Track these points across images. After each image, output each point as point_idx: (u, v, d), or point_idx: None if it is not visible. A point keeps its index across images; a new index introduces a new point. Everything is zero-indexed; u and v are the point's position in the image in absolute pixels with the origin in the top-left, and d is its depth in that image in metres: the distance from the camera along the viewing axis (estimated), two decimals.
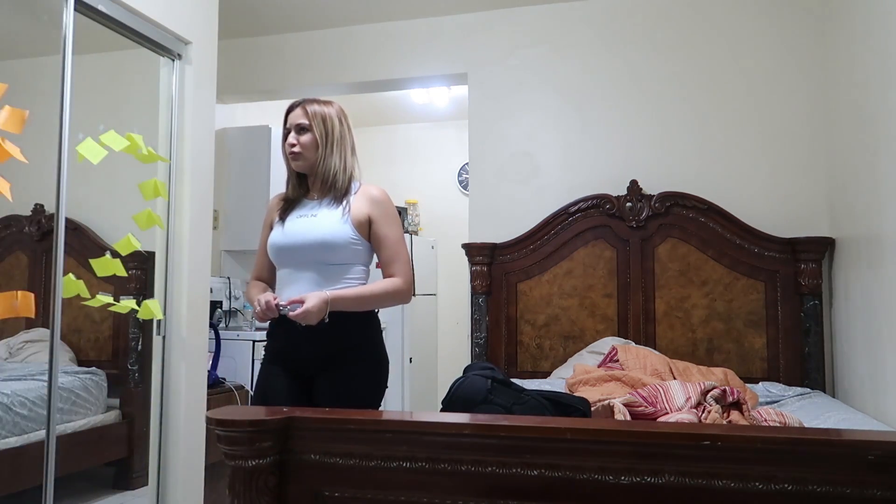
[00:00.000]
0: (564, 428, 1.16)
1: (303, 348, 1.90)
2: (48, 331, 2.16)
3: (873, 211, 2.53)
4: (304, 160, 1.98)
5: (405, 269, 1.95)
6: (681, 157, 3.38)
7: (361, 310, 1.91)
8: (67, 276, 2.13)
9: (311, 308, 1.78)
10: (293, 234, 1.93)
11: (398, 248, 1.96)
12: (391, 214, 1.99)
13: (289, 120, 2.01)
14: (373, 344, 1.97)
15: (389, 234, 1.96)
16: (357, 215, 1.94)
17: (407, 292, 1.96)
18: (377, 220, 1.96)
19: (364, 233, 1.94)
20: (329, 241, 1.89)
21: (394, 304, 1.98)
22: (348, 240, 1.90)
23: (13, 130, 1.79)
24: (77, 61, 2.21)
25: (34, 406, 2.81)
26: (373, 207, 1.96)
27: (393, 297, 1.95)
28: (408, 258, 1.99)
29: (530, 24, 3.66)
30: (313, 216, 1.94)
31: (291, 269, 1.94)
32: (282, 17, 3.87)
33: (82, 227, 3.27)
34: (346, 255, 1.91)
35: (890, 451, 1.05)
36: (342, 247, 1.90)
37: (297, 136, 1.97)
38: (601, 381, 2.55)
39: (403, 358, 4.88)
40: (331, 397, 1.85)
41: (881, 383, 2.46)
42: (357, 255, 1.93)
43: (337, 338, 1.88)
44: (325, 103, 2.02)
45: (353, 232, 1.91)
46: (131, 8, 2.41)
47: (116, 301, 2.27)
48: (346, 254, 1.91)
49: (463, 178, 5.85)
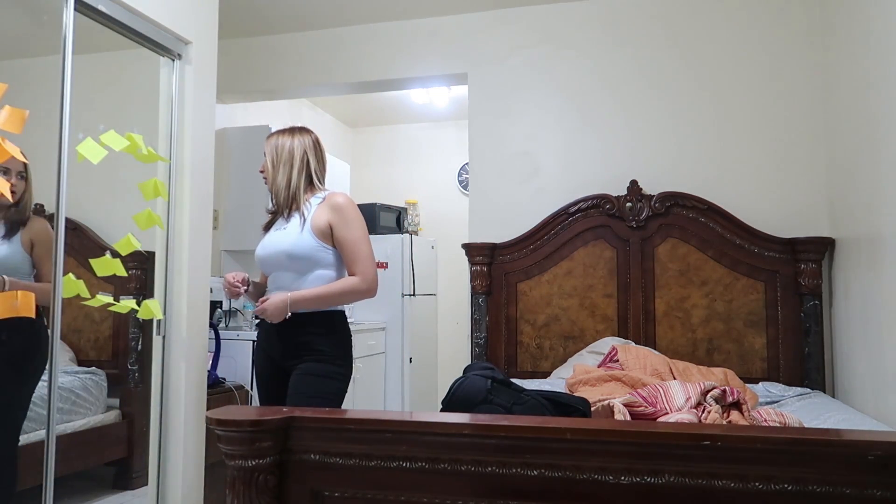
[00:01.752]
0: (564, 428, 1.16)
1: (273, 343, 2.20)
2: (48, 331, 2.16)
3: (873, 211, 2.53)
4: (269, 181, 2.26)
5: (364, 268, 2.14)
6: (681, 157, 3.38)
7: (324, 307, 2.14)
8: (67, 276, 2.12)
9: (267, 306, 2.10)
10: (268, 245, 2.21)
11: (356, 249, 2.15)
12: (350, 218, 2.16)
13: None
14: (333, 344, 2.16)
15: (348, 236, 2.14)
16: (318, 224, 2.15)
17: (366, 289, 2.15)
18: (336, 226, 2.15)
19: (327, 240, 2.15)
20: (290, 251, 2.14)
21: (354, 299, 2.16)
22: (310, 248, 2.13)
23: (13, 130, 1.78)
24: (77, 61, 2.21)
25: (34, 406, 2.80)
26: (332, 215, 2.16)
27: (351, 294, 2.14)
28: (368, 256, 2.16)
29: (530, 24, 3.66)
30: (283, 229, 2.19)
31: (271, 273, 2.24)
32: (282, 17, 3.87)
33: (82, 227, 3.26)
34: (310, 261, 2.14)
35: (890, 451, 1.05)
36: (305, 254, 2.13)
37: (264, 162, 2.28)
38: (601, 381, 2.55)
39: (403, 358, 4.88)
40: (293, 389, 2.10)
41: (881, 383, 2.45)
42: (321, 259, 2.15)
43: (298, 335, 2.14)
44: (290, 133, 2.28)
45: (313, 240, 2.14)
46: (131, 8, 2.41)
47: (116, 301, 2.26)
48: (309, 260, 2.14)
49: (463, 178, 5.85)
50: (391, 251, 4.96)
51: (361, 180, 6.00)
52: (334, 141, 5.86)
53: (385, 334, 4.88)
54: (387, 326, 4.88)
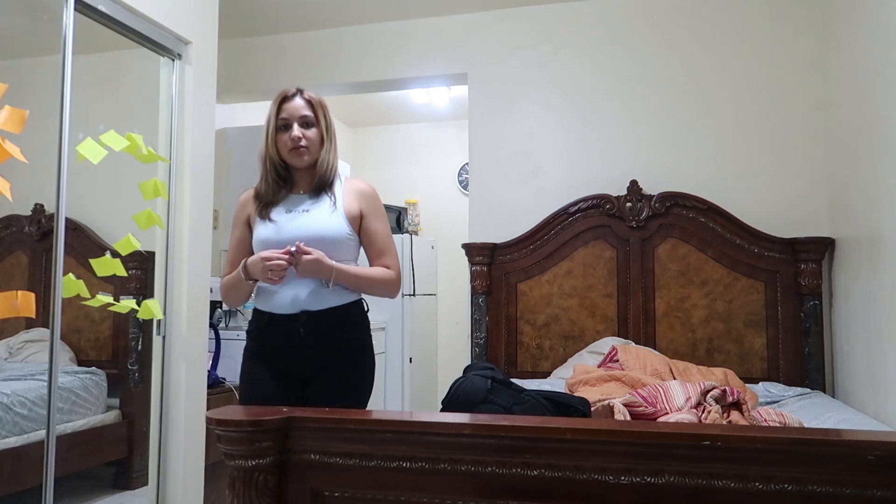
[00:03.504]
0: (564, 428, 1.16)
1: (304, 346, 1.84)
2: (48, 331, 2.16)
3: (873, 211, 2.53)
4: (311, 156, 1.91)
5: (396, 263, 1.96)
6: (681, 157, 3.38)
7: (355, 290, 1.91)
8: (67, 276, 2.13)
9: (324, 259, 1.79)
10: (290, 230, 1.86)
11: (389, 242, 1.97)
12: (381, 209, 1.99)
13: (287, 111, 1.90)
14: (368, 345, 1.96)
15: (380, 228, 1.96)
16: (350, 210, 1.92)
17: (398, 285, 1.96)
18: (368, 215, 1.94)
19: (355, 228, 1.93)
20: (329, 237, 1.86)
21: (384, 293, 1.95)
22: (343, 233, 1.88)
23: (13, 130, 1.79)
24: (77, 61, 2.21)
25: (34, 406, 2.80)
26: (364, 202, 1.95)
27: (386, 286, 1.94)
28: (397, 253, 1.99)
29: (530, 24, 3.66)
30: (305, 212, 1.90)
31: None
32: (282, 17, 3.87)
33: (82, 227, 3.26)
34: (343, 251, 1.88)
35: (890, 451, 1.05)
36: (340, 242, 1.88)
37: (302, 130, 1.88)
38: (601, 381, 2.55)
39: (403, 358, 4.88)
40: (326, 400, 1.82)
41: (881, 383, 2.45)
42: (348, 248, 1.92)
43: (338, 334, 1.87)
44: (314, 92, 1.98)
45: (347, 227, 1.90)
46: (131, 8, 2.41)
47: (116, 301, 2.27)
48: (343, 249, 1.88)
49: (463, 178, 5.85)
50: None
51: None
52: None
53: (385, 334, 4.88)
54: (387, 326, 4.88)
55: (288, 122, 1.89)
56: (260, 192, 1.95)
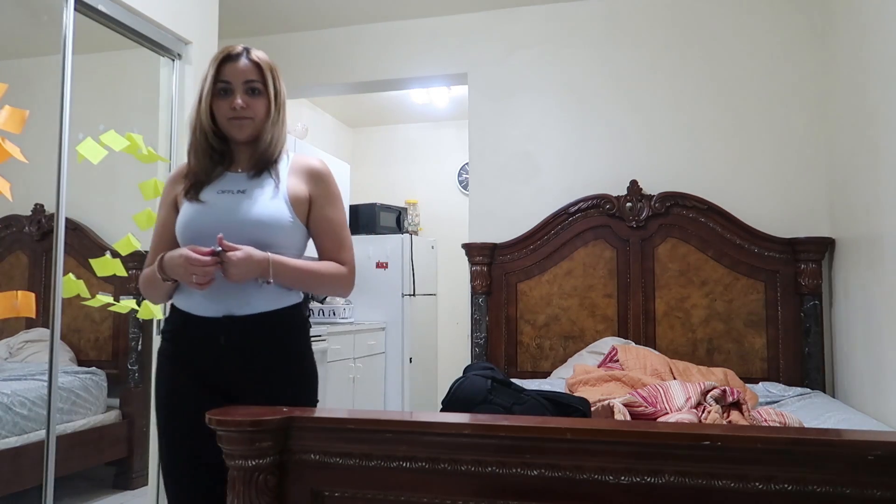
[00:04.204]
0: (564, 428, 1.16)
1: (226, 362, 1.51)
2: (48, 331, 2.17)
3: (873, 211, 2.53)
4: (252, 128, 1.58)
5: (351, 257, 1.64)
6: (681, 157, 3.38)
7: (298, 288, 1.59)
8: (67, 276, 2.13)
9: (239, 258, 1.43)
10: (218, 212, 1.54)
11: (343, 233, 1.64)
12: (334, 193, 1.65)
13: (229, 73, 1.58)
14: (307, 356, 1.65)
15: (332, 216, 1.62)
16: (295, 193, 1.58)
17: (351, 282, 1.64)
18: (318, 200, 1.61)
19: (301, 214, 1.59)
20: (265, 222, 1.53)
21: (334, 291, 1.65)
22: (284, 220, 1.55)
23: (13, 130, 1.79)
24: (77, 61, 2.21)
25: (34, 406, 2.81)
26: (314, 184, 1.62)
27: (336, 283, 1.62)
28: (351, 244, 1.67)
29: (530, 24, 3.66)
30: (240, 192, 1.56)
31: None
32: (282, 17, 3.87)
33: (82, 227, 3.27)
34: (283, 241, 1.56)
35: (890, 451, 1.05)
36: (280, 230, 1.55)
37: (246, 97, 1.57)
38: (601, 381, 2.55)
39: (403, 358, 4.88)
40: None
41: (881, 383, 2.45)
42: (294, 240, 1.59)
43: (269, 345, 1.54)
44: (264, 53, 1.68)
45: (289, 212, 1.56)
46: (131, 8, 2.41)
47: (116, 301, 2.27)
48: (283, 239, 1.56)
49: (463, 178, 5.85)
50: (391, 251, 4.96)
51: (361, 180, 6.00)
52: (334, 141, 5.86)
53: (385, 334, 4.88)
54: (387, 326, 4.88)
55: (229, 87, 1.57)
56: (189, 169, 1.62)
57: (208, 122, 1.58)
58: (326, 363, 3.94)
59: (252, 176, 1.59)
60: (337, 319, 4.64)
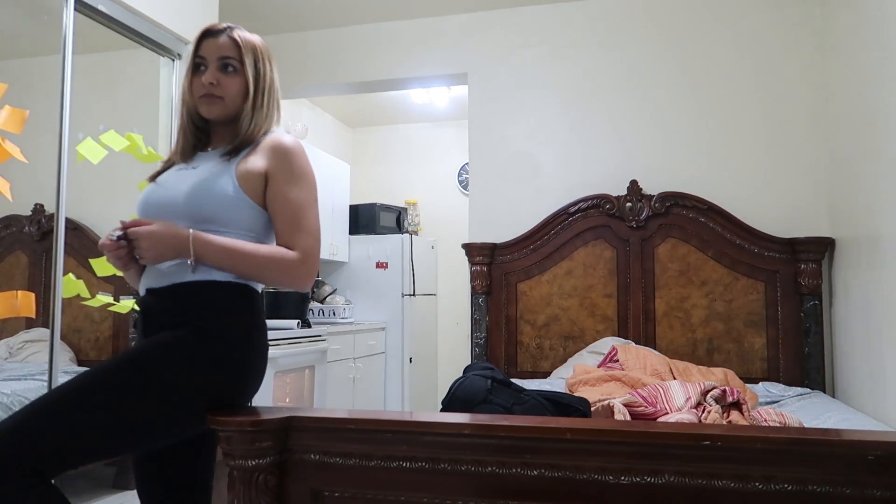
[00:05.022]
0: (564, 428, 1.16)
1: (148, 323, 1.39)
2: (48, 331, 2.17)
3: (873, 211, 2.53)
4: (224, 108, 1.46)
5: (308, 243, 1.42)
6: (681, 157, 3.38)
7: (231, 271, 1.37)
8: (67, 276, 2.13)
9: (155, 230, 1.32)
10: (163, 189, 1.44)
11: (302, 215, 1.43)
12: (297, 170, 1.45)
13: (205, 48, 1.49)
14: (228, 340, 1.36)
15: (291, 195, 1.42)
16: (248, 166, 1.42)
17: (302, 271, 1.40)
18: (276, 176, 1.42)
19: (251, 190, 1.41)
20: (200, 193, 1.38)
21: (279, 279, 1.42)
22: (227, 195, 1.39)
23: (13, 130, 1.79)
24: (77, 61, 2.21)
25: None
26: (272, 159, 1.44)
27: (278, 270, 1.39)
28: (314, 229, 1.44)
29: (530, 24, 3.66)
30: (193, 168, 1.45)
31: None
32: (281, 17, 3.87)
33: (82, 227, 3.26)
34: (223, 215, 1.39)
35: (890, 451, 1.05)
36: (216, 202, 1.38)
37: (218, 74, 1.46)
38: (601, 381, 2.56)
39: (403, 358, 4.88)
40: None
41: (881, 383, 2.46)
42: (237, 216, 1.40)
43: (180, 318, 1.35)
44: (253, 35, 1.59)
45: (233, 185, 1.39)
46: (131, 8, 2.41)
47: (116, 301, 2.27)
48: (223, 212, 1.39)
49: (463, 178, 5.85)
50: (391, 251, 4.96)
51: (361, 180, 6.00)
52: (334, 141, 5.86)
53: (385, 334, 4.88)
54: (387, 326, 4.88)
55: (204, 63, 1.48)
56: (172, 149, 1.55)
57: (189, 99, 1.50)
58: (326, 363, 3.94)
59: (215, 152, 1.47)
60: (337, 319, 4.64)
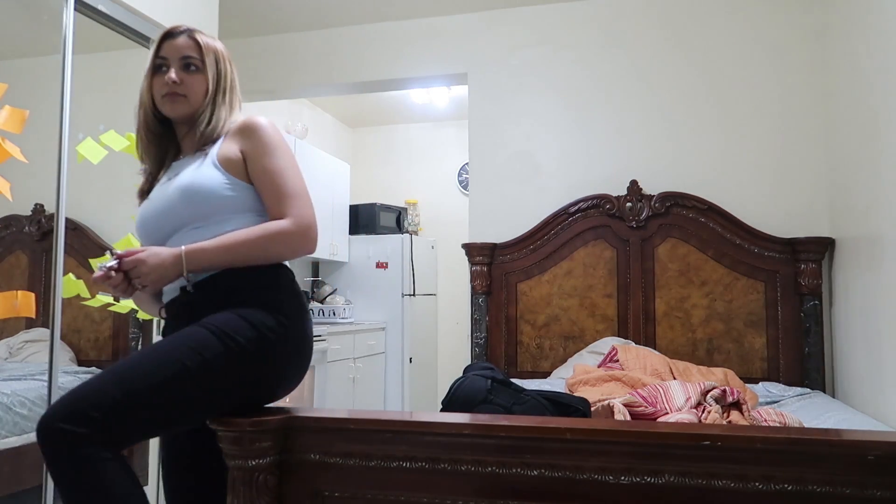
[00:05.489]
0: (564, 428, 1.16)
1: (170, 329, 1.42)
2: (48, 331, 2.17)
3: (873, 211, 2.53)
4: (187, 107, 1.48)
5: (297, 207, 1.41)
6: (681, 157, 3.38)
7: (237, 264, 1.38)
8: (67, 276, 2.13)
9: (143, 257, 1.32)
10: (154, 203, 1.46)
11: (283, 182, 1.42)
12: (270, 143, 1.46)
13: (165, 49, 1.50)
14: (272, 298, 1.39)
15: (270, 166, 1.43)
16: (224, 153, 1.45)
17: (300, 235, 1.40)
18: (251, 154, 1.44)
19: (238, 173, 1.44)
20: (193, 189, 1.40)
21: (282, 252, 1.42)
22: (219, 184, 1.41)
23: (13, 130, 1.79)
24: (77, 61, 2.21)
25: (34, 406, 2.80)
26: (242, 139, 1.47)
27: (277, 243, 1.39)
28: (299, 190, 1.44)
29: (530, 24, 3.66)
30: (176, 176, 1.46)
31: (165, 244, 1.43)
32: (282, 17, 3.87)
33: (82, 227, 3.26)
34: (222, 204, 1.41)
35: (890, 451, 1.05)
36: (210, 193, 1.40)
37: (181, 73, 1.48)
38: (601, 381, 2.55)
39: (403, 358, 4.88)
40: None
41: (881, 383, 2.46)
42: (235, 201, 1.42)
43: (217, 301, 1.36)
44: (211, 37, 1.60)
45: (221, 174, 1.42)
46: (131, 8, 2.41)
47: (116, 301, 2.27)
48: (220, 202, 1.41)
49: (463, 178, 5.85)
50: (391, 251, 4.96)
51: (361, 180, 6.00)
52: (334, 141, 5.86)
53: (385, 334, 4.88)
54: (387, 326, 4.88)
55: (166, 63, 1.49)
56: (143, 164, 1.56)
57: (148, 100, 1.51)
58: (326, 363, 3.94)
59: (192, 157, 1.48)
60: (337, 319, 4.64)
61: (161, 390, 1.23)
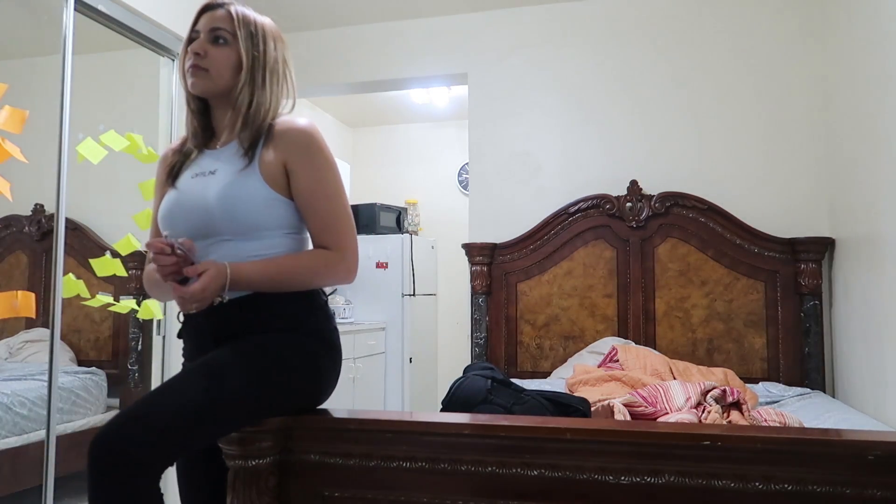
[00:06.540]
0: (564, 428, 1.16)
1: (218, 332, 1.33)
2: (48, 331, 2.17)
3: (873, 211, 2.53)
4: (209, 81, 1.36)
5: (344, 239, 1.35)
6: (681, 157, 3.38)
7: (278, 290, 1.32)
8: (67, 276, 2.13)
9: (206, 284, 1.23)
10: (190, 200, 1.34)
11: (334, 208, 1.34)
12: (317, 158, 1.34)
13: (201, 22, 1.40)
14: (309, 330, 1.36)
15: (318, 189, 1.33)
16: (269, 163, 1.32)
17: (346, 270, 1.35)
18: (296, 168, 1.32)
19: (282, 188, 1.33)
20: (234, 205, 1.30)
21: (325, 283, 1.38)
22: (257, 196, 1.31)
23: (13, 130, 1.79)
24: (77, 61, 2.21)
25: (34, 406, 2.81)
26: (287, 150, 1.33)
27: (323, 276, 1.34)
28: (349, 219, 1.37)
29: (530, 24, 3.66)
30: (211, 173, 1.34)
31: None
32: (281, 17, 3.86)
33: (82, 227, 3.26)
34: (263, 220, 1.32)
35: (890, 451, 1.05)
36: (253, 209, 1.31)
37: (207, 45, 1.37)
38: (601, 381, 2.55)
39: (403, 358, 4.88)
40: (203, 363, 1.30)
41: (881, 383, 2.45)
42: (277, 218, 1.34)
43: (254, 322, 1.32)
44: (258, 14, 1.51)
45: (262, 184, 1.31)
46: (131, 8, 2.41)
47: (116, 301, 2.27)
48: (262, 218, 1.32)
49: (463, 178, 5.85)
50: (391, 251, 4.96)
51: (361, 180, 6.00)
52: (334, 141, 5.86)
53: (385, 334, 4.88)
54: (387, 326, 4.88)
55: (197, 36, 1.39)
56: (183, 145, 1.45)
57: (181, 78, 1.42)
58: None
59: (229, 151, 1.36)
60: (337, 319, 4.64)
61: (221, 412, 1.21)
